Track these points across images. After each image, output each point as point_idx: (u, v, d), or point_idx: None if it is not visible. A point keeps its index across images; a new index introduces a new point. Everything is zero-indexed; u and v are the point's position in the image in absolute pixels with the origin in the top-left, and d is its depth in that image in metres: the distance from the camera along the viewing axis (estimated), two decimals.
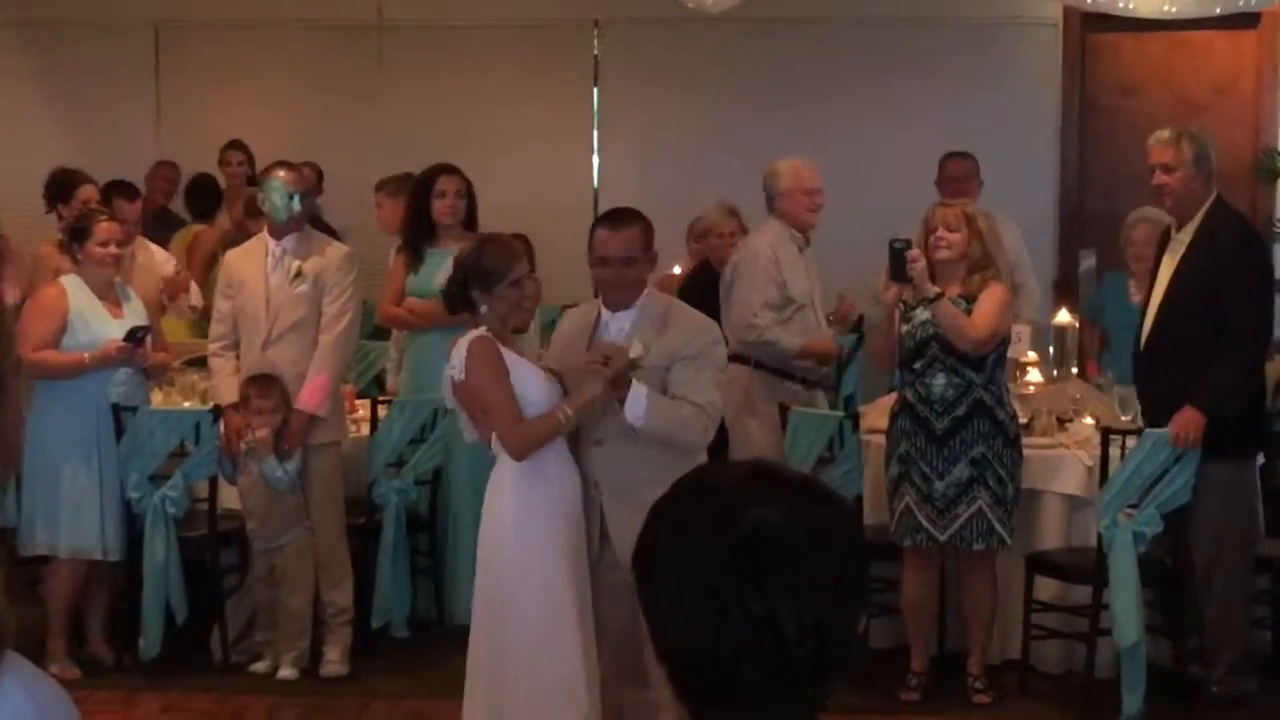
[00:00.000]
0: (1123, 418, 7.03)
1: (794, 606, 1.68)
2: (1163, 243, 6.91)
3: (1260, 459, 7.27)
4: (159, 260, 8.51)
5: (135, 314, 7.15)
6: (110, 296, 7.20)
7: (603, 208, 10.70)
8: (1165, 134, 6.77)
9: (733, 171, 9.12)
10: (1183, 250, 6.70)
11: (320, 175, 9.76)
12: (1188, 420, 6.45)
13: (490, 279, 5.44)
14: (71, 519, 7.05)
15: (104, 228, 7.14)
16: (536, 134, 10.91)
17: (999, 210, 8.81)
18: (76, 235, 7.16)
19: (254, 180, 8.85)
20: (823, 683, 1.74)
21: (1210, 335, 6.51)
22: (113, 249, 7.11)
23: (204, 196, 10.16)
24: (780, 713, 1.72)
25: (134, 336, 7.05)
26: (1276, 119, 10.13)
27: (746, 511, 1.71)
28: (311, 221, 7.59)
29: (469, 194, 7.79)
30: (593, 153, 11.15)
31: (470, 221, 7.79)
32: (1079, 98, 10.58)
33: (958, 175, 8.60)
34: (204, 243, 9.60)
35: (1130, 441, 6.63)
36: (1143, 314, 6.88)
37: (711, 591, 1.69)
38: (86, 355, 7.01)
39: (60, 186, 8.44)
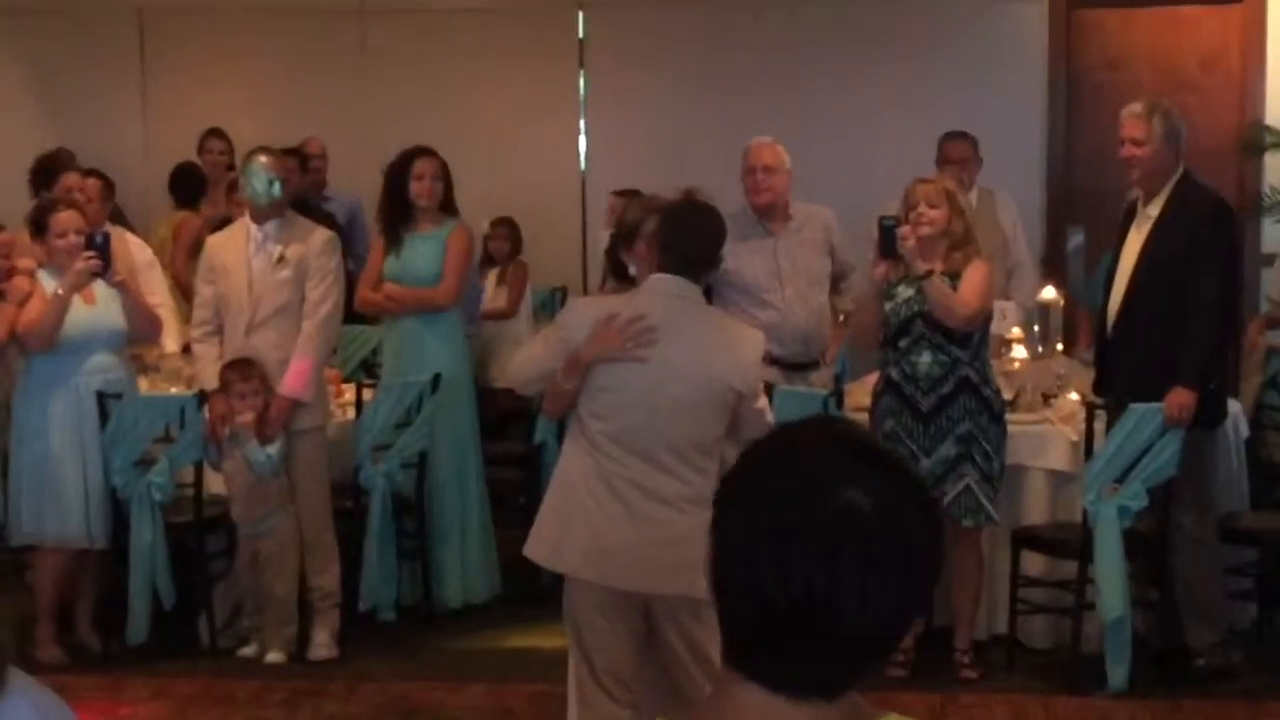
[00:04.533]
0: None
1: (859, 592, 1.66)
2: (1128, 216, 6.92)
3: (1245, 432, 7.30)
4: (133, 246, 8.41)
5: (108, 300, 7.08)
6: None
7: (590, 190, 10.73)
8: (1137, 108, 6.80)
9: (720, 153, 9.07)
10: (1150, 225, 6.72)
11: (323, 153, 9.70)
12: (1181, 400, 6.48)
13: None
14: (57, 508, 7.02)
15: (60, 219, 7.02)
16: (522, 117, 10.86)
17: (997, 187, 8.85)
18: (39, 229, 7.08)
19: (234, 167, 8.80)
20: (864, 664, 1.72)
21: (1183, 309, 6.53)
22: (71, 238, 6.96)
23: (188, 184, 10.09)
24: (814, 681, 1.71)
25: (94, 244, 6.90)
26: (1263, 94, 10.08)
27: (838, 490, 1.67)
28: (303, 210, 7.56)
29: (445, 176, 7.72)
30: (579, 135, 11.12)
31: (448, 204, 7.75)
32: (1065, 74, 10.54)
33: (955, 157, 8.59)
34: (188, 229, 9.56)
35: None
36: (1108, 286, 6.89)
37: (782, 556, 1.66)
38: (59, 289, 6.87)
39: (45, 173, 8.41)
